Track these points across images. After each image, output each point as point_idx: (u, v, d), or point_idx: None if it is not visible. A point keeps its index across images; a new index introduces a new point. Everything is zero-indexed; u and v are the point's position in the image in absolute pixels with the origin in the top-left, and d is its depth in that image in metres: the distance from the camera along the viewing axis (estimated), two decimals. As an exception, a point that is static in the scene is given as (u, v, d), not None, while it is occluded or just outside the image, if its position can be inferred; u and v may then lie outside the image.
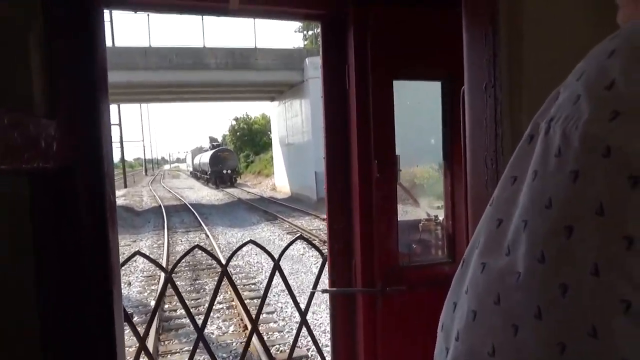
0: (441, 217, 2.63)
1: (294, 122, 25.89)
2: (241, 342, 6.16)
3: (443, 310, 0.57)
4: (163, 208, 21.41)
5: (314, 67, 20.78)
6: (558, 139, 0.45)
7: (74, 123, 0.67)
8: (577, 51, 1.19)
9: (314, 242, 6.26)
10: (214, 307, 2.73)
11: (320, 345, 2.88)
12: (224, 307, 7.53)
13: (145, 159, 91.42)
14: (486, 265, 0.50)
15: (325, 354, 2.71)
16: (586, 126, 0.43)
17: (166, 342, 6.40)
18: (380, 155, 2.30)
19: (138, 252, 2.48)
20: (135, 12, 2.14)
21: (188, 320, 2.45)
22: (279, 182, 31.19)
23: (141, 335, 2.34)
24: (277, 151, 31.72)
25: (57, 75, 0.68)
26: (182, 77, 22.15)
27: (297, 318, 2.63)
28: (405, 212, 2.77)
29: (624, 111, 0.41)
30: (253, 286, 8.69)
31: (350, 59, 2.26)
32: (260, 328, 2.58)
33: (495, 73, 1.19)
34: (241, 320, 6.87)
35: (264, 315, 6.86)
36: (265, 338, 6.17)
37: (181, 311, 7.14)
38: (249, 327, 2.60)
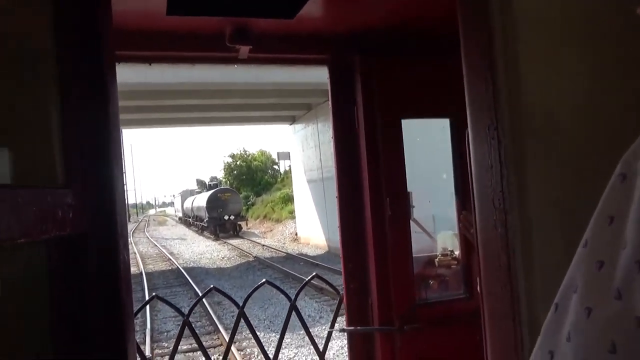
0: (457, 252, 2.61)
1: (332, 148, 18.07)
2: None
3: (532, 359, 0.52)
4: (145, 279, 13.32)
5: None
6: None
7: (88, 190, 0.71)
8: (575, 96, 1.21)
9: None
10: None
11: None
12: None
13: (128, 204, 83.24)
14: (592, 310, 0.47)
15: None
16: None
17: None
18: (391, 193, 2.32)
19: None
20: (150, 65, 2.23)
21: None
22: (304, 230, 23.50)
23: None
24: (300, 189, 23.93)
25: (72, 142, 0.72)
26: (196, 76, 13.66)
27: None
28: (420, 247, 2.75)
29: None
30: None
31: (358, 99, 2.31)
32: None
33: (496, 116, 1.21)
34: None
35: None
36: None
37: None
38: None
